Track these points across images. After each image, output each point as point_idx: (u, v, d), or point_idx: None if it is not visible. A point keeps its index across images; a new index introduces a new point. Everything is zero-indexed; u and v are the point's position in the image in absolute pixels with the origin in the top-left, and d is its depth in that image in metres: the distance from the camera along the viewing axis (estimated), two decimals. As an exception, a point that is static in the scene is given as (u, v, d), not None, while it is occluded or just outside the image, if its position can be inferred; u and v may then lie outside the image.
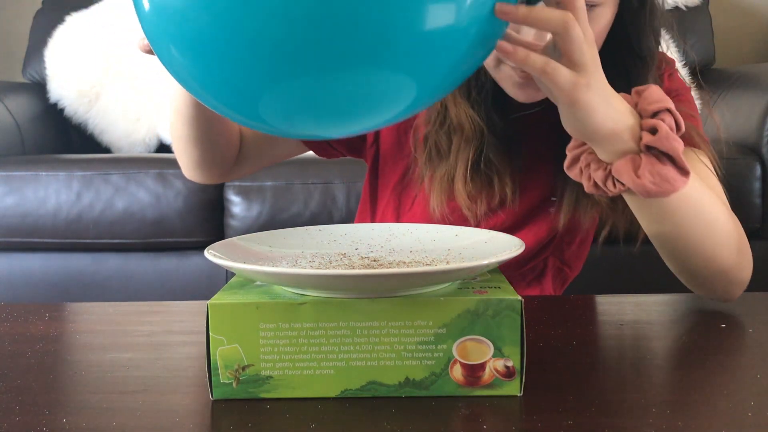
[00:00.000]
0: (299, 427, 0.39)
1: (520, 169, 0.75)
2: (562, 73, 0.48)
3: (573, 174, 0.58)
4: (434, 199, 0.75)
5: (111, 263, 1.53)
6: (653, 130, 0.52)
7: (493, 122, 0.72)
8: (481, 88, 0.71)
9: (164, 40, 0.43)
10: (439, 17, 0.40)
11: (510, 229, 0.77)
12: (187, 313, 0.65)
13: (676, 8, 1.94)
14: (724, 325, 0.58)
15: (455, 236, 0.56)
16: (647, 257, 0.75)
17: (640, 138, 0.53)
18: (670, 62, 0.77)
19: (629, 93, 0.56)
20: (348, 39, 0.39)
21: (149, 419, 0.41)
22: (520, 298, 0.43)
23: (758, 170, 1.46)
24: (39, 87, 2.02)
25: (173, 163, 1.51)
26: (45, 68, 2.00)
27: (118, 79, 1.96)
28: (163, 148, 1.94)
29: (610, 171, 0.54)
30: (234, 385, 0.43)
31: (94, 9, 2.04)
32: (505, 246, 0.49)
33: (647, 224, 0.62)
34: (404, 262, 0.52)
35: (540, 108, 0.73)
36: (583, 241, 0.84)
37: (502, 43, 0.46)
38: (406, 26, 0.39)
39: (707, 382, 0.45)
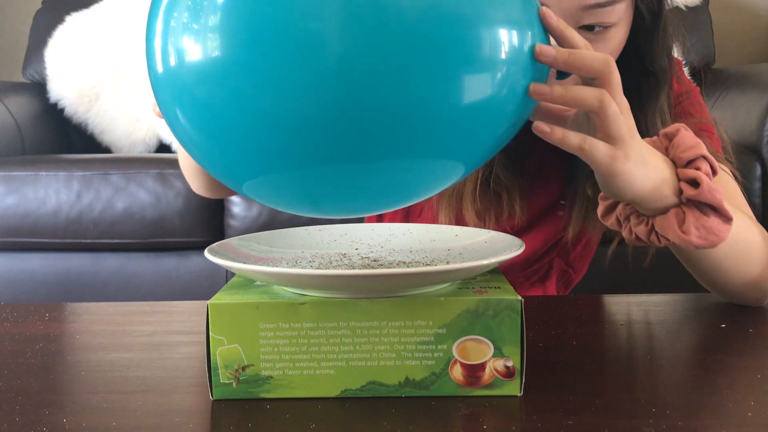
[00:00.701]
0: (299, 427, 0.39)
1: (528, 185, 0.75)
2: (600, 148, 0.47)
3: (609, 223, 0.57)
4: (443, 216, 0.75)
5: (111, 263, 1.53)
6: (692, 182, 0.51)
7: None
8: None
9: (187, 131, 0.41)
10: (473, 105, 0.39)
11: (518, 232, 0.78)
12: (187, 313, 0.65)
13: (676, 8, 1.94)
14: (724, 325, 0.58)
15: (455, 236, 0.56)
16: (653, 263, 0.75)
17: (680, 190, 0.52)
18: (677, 63, 0.77)
19: (641, 109, 0.55)
20: (375, 130, 0.38)
21: (149, 419, 0.41)
22: (519, 298, 0.43)
23: (758, 170, 1.46)
24: (39, 87, 2.02)
25: (173, 163, 1.51)
26: (45, 68, 2.00)
27: (118, 79, 1.96)
28: (163, 148, 1.94)
29: (652, 225, 0.53)
30: (234, 385, 0.43)
31: (94, 9, 2.04)
32: (505, 246, 0.49)
33: (686, 262, 0.62)
34: (404, 262, 0.52)
35: None
36: (589, 243, 0.84)
37: (539, 125, 0.45)
38: (439, 116, 0.38)
39: (707, 382, 0.45)
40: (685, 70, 1.76)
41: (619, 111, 0.47)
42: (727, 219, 0.52)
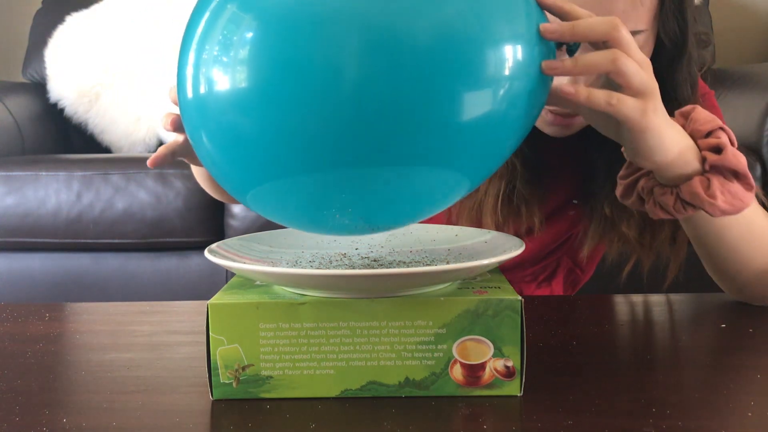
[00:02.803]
0: (299, 427, 0.39)
1: (546, 197, 0.76)
2: (628, 103, 0.47)
3: (629, 202, 0.57)
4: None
5: (111, 263, 1.53)
6: (716, 149, 0.52)
7: (524, 156, 0.72)
8: None
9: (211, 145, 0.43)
10: (487, 114, 0.40)
11: (529, 229, 0.78)
12: (187, 313, 0.65)
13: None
14: (724, 325, 0.58)
15: (455, 236, 0.56)
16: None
17: (702, 159, 0.52)
18: (708, 93, 0.77)
19: None
20: (397, 147, 0.39)
21: (149, 419, 0.41)
22: (519, 298, 0.43)
23: (758, 170, 1.46)
24: (39, 87, 2.02)
25: (173, 164, 1.51)
26: (45, 68, 2.00)
27: (118, 79, 1.96)
28: (163, 148, 1.94)
29: (677, 195, 0.53)
30: (234, 385, 0.43)
31: (94, 9, 2.04)
32: (506, 246, 0.49)
33: (700, 247, 0.62)
34: (404, 262, 0.52)
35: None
36: (598, 245, 0.84)
37: (564, 86, 0.45)
38: (453, 127, 0.40)
39: (707, 382, 0.45)
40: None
41: (638, 66, 0.46)
42: (749, 186, 0.53)
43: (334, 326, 0.43)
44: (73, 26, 2.01)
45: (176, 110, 0.48)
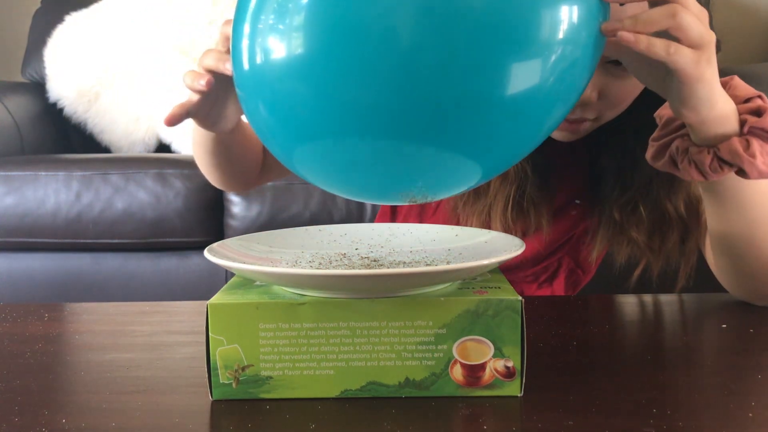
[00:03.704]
0: (299, 427, 0.39)
1: (554, 200, 0.76)
2: (686, 53, 0.48)
3: (659, 164, 0.57)
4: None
5: (110, 263, 1.53)
6: (755, 112, 0.53)
7: (535, 161, 0.73)
8: None
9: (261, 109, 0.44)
10: (542, 84, 0.41)
11: (535, 230, 0.78)
12: (186, 314, 0.65)
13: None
14: (725, 326, 0.58)
15: (455, 236, 0.56)
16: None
17: (742, 122, 0.53)
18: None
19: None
20: (452, 116, 0.40)
21: (149, 420, 0.41)
22: (520, 298, 0.42)
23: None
24: (38, 86, 2.01)
25: (173, 163, 1.51)
26: (44, 68, 2.00)
27: (117, 79, 1.95)
28: (163, 147, 1.94)
29: (715, 153, 0.54)
30: (234, 385, 0.43)
31: (93, 8, 2.03)
32: (505, 246, 0.49)
33: (718, 222, 0.61)
34: (404, 262, 0.51)
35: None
36: None
37: (624, 34, 0.46)
38: (505, 102, 0.40)
39: (708, 382, 0.45)
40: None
41: (696, 19, 0.47)
42: None
43: (334, 326, 0.43)
44: (73, 26, 2.01)
45: (195, 66, 0.49)
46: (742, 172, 0.54)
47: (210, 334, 0.43)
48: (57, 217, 1.49)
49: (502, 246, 0.50)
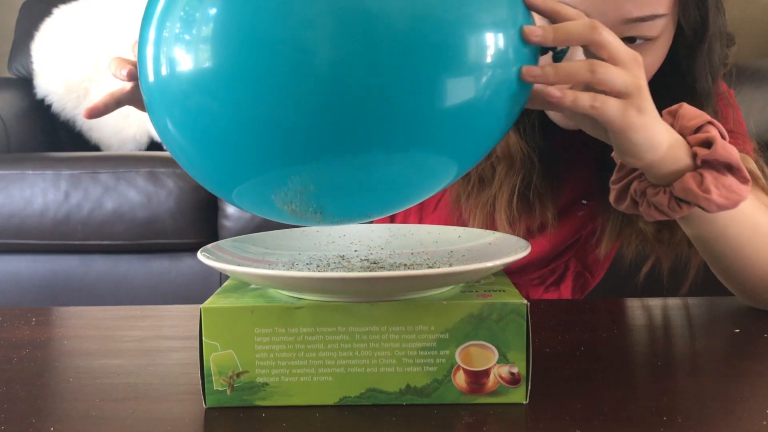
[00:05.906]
0: (297, 437, 0.39)
1: (560, 193, 0.76)
2: (611, 105, 0.47)
3: (623, 207, 0.57)
4: (473, 223, 0.76)
5: (100, 265, 1.52)
6: (705, 144, 0.52)
7: (541, 149, 0.73)
8: (528, 118, 0.72)
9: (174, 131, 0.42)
10: (466, 102, 0.40)
11: (541, 225, 0.78)
12: (179, 318, 0.64)
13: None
14: (737, 330, 0.58)
15: (458, 237, 0.55)
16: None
17: (694, 154, 0.52)
18: (728, 92, 0.77)
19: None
20: (370, 131, 0.38)
21: (140, 428, 0.40)
22: (525, 301, 0.42)
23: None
24: (25, 82, 2.00)
25: (165, 162, 1.49)
26: (32, 63, 1.98)
27: (107, 74, 1.94)
28: (155, 145, 1.93)
29: (671, 193, 0.53)
30: (228, 392, 0.42)
31: (82, 1, 2.02)
32: (510, 248, 0.48)
33: (703, 247, 0.61)
34: (405, 265, 0.51)
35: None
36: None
37: (550, 90, 0.46)
38: (432, 115, 0.39)
39: (720, 388, 0.45)
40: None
41: (615, 69, 0.46)
42: (744, 179, 0.53)
43: (332, 331, 0.42)
44: (61, 19, 1.99)
45: (131, 59, 0.48)
46: (702, 207, 0.53)
47: (203, 339, 0.42)
48: (45, 217, 1.47)
49: (507, 248, 0.49)
